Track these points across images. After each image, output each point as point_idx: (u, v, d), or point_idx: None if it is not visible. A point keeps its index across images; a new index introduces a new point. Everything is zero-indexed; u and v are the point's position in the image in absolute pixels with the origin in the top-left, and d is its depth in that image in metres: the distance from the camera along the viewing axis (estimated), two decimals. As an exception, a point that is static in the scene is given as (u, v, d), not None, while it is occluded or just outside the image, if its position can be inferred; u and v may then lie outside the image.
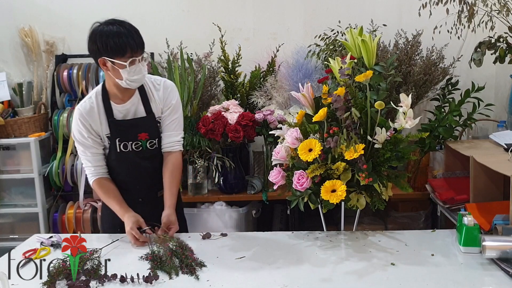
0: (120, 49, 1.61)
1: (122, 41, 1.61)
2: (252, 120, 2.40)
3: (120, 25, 1.64)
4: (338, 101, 1.55)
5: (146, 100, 1.78)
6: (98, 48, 1.63)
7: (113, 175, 1.82)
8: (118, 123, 1.76)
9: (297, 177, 1.56)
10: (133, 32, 1.65)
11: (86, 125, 1.73)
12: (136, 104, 1.78)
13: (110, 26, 1.63)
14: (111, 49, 1.61)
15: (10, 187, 2.88)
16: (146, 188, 1.85)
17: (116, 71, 1.65)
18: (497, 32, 2.18)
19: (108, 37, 1.61)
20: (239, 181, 2.56)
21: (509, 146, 1.79)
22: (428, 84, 2.44)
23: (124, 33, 1.62)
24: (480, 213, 1.63)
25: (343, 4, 2.88)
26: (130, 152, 1.78)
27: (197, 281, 1.34)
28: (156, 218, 1.73)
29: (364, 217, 2.60)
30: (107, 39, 1.61)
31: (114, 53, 1.62)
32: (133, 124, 1.77)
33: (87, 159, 1.78)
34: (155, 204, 1.83)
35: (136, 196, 1.82)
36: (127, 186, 1.82)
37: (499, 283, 1.27)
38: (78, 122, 1.73)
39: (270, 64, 2.68)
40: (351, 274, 1.36)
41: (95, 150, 1.77)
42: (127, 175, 1.81)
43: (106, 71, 1.68)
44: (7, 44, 3.02)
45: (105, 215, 1.92)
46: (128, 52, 1.62)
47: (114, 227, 1.81)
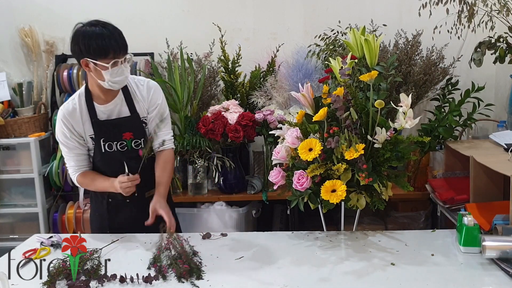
0: (103, 51, 1.60)
1: (104, 43, 1.60)
2: (252, 120, 2.40)
3: (103, 27, 1.62)
4: (338, 101, 1.55)
5: (130, 100, 1.78)
6: (81, 49, 1.61)
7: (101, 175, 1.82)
8: (102, 123, 1.75)
9: (297, 177, 1.56)
10: (116, 34, 1.64)
11: (69, 126, 1.73)
12: (119, 104, 1.78)
13: (93, 28, 1.62)
14: (93, 50, 1.60)
15: (10, 187, 2.87)
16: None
17: (99, 72, 1.64)
18: (497, 32, 2.18)
19: (91, 38, 1.60)
20: (239, 181, 2.56)
21: (509, 146, 1.79)
22: (428, 84, 2.44)
23: (107, 34, 1.61)
24: (480, 213, 1.63)
25: (343, 4, 2.87)
26: (116, 153, 1.78)
27: (197, 281, 1.34)
28: (144, 219, 1.69)
29: (364, 217, 2.60)
30: (89, 40, 1.60)
31: (96, 55, 1.61)
32: (117, 124, 1.77)
33: (71, 159, 1.80)
34: (142, 205, 1.76)
35: (123, 197, 1.75)
36: None
37: (499, 283, 1.27)
38: (60, 123, 1.74)
39: (270, 64, 2.68)
40: (351, 274, 1.36)
41: (78, 151, 1.78)
42: (113, 175, 1.75)
43: (89, 72, 1.67)
44: (7, 44, 3.02)
45: (93, 217, 1.93)
46: (111, 54, 1.61)
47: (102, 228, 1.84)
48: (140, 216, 1.72)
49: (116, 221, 1.84)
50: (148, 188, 1.82)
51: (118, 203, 1.81)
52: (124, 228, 1.80)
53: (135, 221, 1.76)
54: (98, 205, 1.87)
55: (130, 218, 1.82)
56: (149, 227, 1.69)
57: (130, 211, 1.81)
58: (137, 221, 1.73)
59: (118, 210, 1.84)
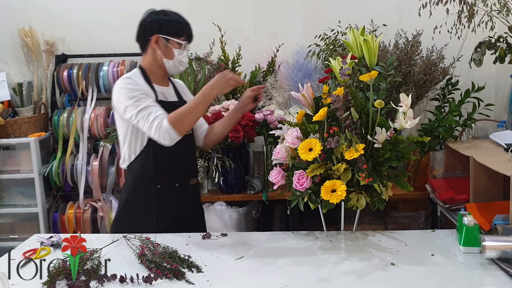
0: (179, 30, 1.78)
1: (182, 25, 1.80)
2: (252, 120, 2.40)
3: (182, 16, 1.83)
4: (338, 101, 1.55)
5: (176, 90, 1.93)
6: (159, 25, 1.76)
7: (154, 159, 1.79)
8: (162, 103, 1.77)
9: (297, 177, 1.56)
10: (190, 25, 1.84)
11: (140, 83, 1.74)
12: (172, 90, 1.90)
13: (172, 12, 1.81)
14: (171, 28, 1.77)
15: (10, 187, 2.88)
16: (181, 174, 1.89)
17: (169, 49, 1.78)
18: (497, 32, 2.18)
19: (172, 18, 1.79)
20: (239, 181, 2.56)
21: (509, 146, 1.79)
22: (428, 84, 2.44)
23: (185, 21, 1.82)
24: (480, 213, 1.63)
25: (343, 4, 2.88)
26: None
27: (197, 281, 1.34)
28: (188, 206, 1.88)
29: (364, 217, 2.60)
30: (170, 19, 1.78)
31: (173, 33, 1.77)
32: (174, 106, 1.74)
33: (156, 107, 1.70)
34: (188, 192, 1.91)
35: (173, 181, 1.85)
36: (164, 170, 1.83)
37: (499, 283, 1.27)
38: (129, 81, 1.72)
39: (270, 64, 2.68)
40: (351, 274, 1.36)
41: (153, 100, 1.73)
42: (165, 159, 1.81)
43: (155, 50, 1.78)
44: (7, 44, 3.03)
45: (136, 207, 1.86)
46: (184, 36, 1.80)
47: (148, 216, 1.83)
48: (184, 201, 1.87)
49: (162, 207, 1.84)
50: (191, 177, 1.93)
51: (168, 186, 1.84)
52: (170, 215, 1.84)
53: (180, 209, 1.85)
54: (145, 193, 1.83)
55: (175, 204, 1.86)
56: (193, 213, 1.93)
57: (176, 198, 1.85)
58: (182, 209, 1.86)
59: (166, 196, 1.84)
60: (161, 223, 1.82)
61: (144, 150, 1.79)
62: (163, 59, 1.79)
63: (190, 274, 1.38)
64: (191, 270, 1.40)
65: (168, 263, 1.41)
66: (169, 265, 1.40)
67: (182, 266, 1.41)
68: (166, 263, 1.41)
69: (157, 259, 1.43)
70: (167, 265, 1.40)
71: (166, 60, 1.79)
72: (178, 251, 1.51)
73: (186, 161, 1.90)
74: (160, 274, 1.36)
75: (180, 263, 1.43)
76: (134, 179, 1.84)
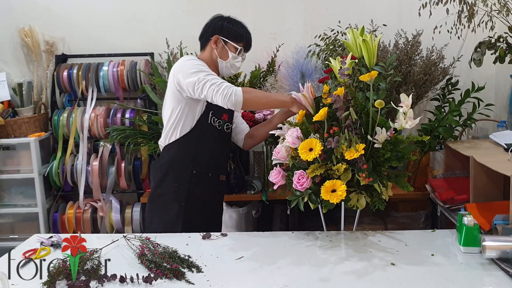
0: (239, 36, 1.92)
1: (244, 33, 1.93)
2: (252, 120, 2.40)
3: (245, 26, 1.97)
4: (338, 101, 1.55)
5: None
6: (223, 27, 1.90)
7: (197, 145, 1.90)
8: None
9: (297, 177, 1.56)
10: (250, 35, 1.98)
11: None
12: None
13: (237, 21, 1.96)
14: (232, 32, 1.91)
15: (10, 187, 2.88)
16: (215, 166, 1.98)
17: (225, 51, 1.91)
18: (497, 32, 2.18)
19: (236, 24, 1.94)
20: (239, 181, 2.56)
21: (509, 146, 1.79)
22: (428, 84, 2.44)
23: (247, 30, 1.97)
24: (480, 213, 1.63)
25: (343, 4, 2.88)
26: (214, 128, 1.93)
27: (197, 281, 1.34)
28: (214, 199, 2.01)
29: (364, 217, 2.60)
30: (233, 24, 1.93)
31: (232, 37, 1.91)
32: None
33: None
34: (217, 186, 2.01)
35: (207, 170, 1.94)
36: (204, 158, 1.92)
37: (499, 283, 1.27)
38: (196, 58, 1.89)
39: (270, 64, 2.68)
40: (351, 274, 1.36)
41: None
42: (207, 147, 1.92)
43: (213, 49, 1.91)
44: (7, 44, 3.02)
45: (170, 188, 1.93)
46: (243, 43, 1.93)
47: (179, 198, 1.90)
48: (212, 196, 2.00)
49: (193, 193, 1.92)
50: (222, 172, 2.03)
51: (201, 175, 1.93)
52: (197, 203, 1.93)
53: (207, 199, 1.96)
54: (181, 176, 1.92)
55: (205, 193, 1.95)
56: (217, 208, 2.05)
57: (207, 187, 1.95)
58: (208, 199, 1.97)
59: (199, 182, 1.93)
60: (188, 208, 1.89)
61: (188, 134, 1.88)
62: (218, 58, 1.91)
63: (190, 274, 1.38)
64: (191, 270, 1.40)
65: (168, 263, 1.41)
66: (169, 265, 1.40)
67: (182, 266, 1.41)
68: (166, 263, 1.42)
69: (157, 259, 1.44)
70: (167, 265, 1.41)
71: (220, 60, 1.91)
72: (178, 251, 1.51)
73: (222, 155, 2.02)
74: (160, 274, 1.36)
75: (180, 263, 1.43)
76: (171, 160, 1.91)
